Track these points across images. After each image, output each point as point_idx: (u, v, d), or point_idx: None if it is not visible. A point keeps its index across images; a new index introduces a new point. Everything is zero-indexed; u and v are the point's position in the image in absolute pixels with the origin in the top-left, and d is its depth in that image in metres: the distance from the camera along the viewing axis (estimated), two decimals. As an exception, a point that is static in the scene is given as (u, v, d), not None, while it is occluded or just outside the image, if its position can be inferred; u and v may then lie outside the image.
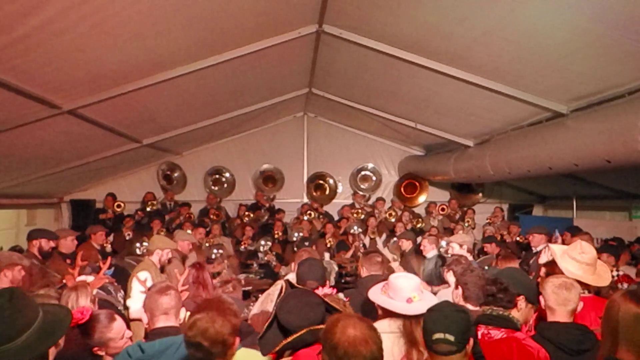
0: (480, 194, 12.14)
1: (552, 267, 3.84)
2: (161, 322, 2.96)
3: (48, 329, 1.90)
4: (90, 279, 4.43)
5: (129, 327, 3.30)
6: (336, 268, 7.40)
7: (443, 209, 11.32)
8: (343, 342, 2.06)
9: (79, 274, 4.75)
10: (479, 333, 2.91)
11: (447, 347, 2.37)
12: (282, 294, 3.05)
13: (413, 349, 2.83)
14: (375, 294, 3.17)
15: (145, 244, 7.88)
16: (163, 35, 5.24)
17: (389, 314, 3.03)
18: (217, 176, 12.13)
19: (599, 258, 3.81)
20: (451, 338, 2.36)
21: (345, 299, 3.37)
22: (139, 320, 3.79)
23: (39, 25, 4.06)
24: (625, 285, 4.93)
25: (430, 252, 6.73)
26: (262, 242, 9.12)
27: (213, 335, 2.28)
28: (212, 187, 12.05)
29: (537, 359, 2.76)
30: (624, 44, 4.45)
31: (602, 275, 3.61)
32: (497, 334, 2.91)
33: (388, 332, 2.91)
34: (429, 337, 2.40)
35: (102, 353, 2.95)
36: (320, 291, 3.18)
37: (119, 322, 3.04)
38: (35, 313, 1.90)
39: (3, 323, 1.77)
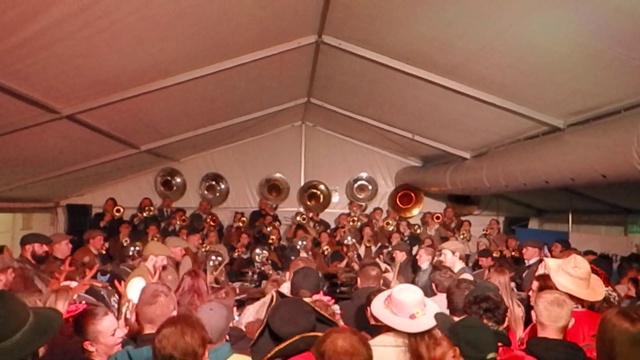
0: (476, 206, 12.15)
1: (545, 281, 3.85)
2: (148, 330, 2.97)
3: (40, 327, 1.94)
4: (73, 284, 4.41)
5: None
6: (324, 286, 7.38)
7: (438, 217, 11.32)
8: (329, 351, 2.10)
9: (65, 280, 4.75)
10: None
11: None
12: (273, 303, 3.05)
13: None
14: (378, 308, 3.14)
15: (137, 248, 7.88)
16: (163, 42, 5.27)
17: (393, 328, 3.02)
18: (212, 183, 12.10)
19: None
20: (495, 356, 2.39)
21: (338, 312, 3.37)
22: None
23: (39, 30, 4.08)
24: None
25: (425, 262, 6.72)
26: (258, 251, 9.05)
27: (183, 347, 2.27)
28: (205, 193, 12.03)
29: None
30: (622, 60, 4.48)
31: (596, 289, 3.60)
32: None
33: (394, 345, 2.91)
34: (482, 355, 2.38)
35: (92, 349, 2.94)
36: (317, 297, 3.18)
37: (110, 318, 3.05)
38: (26, 313, 1.94)
39: None
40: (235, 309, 4.76)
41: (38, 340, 1.93)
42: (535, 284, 4.02)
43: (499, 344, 2.87)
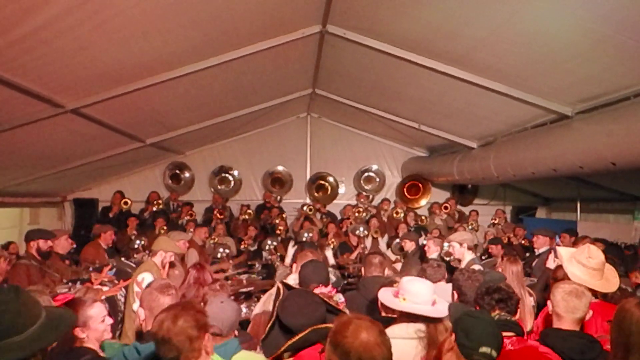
0: (477, 197, 12.11)
1: (554, 272, 3.81)
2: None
3: (52, 324, 1.97)
4: (105, 289, 4.59)
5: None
6: (334, 279, 7.32)
7: (446, 208, 11.29)
8: (356, 346, 2.04)
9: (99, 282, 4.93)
10: None
11: None
12: (281, 296, 3.02)
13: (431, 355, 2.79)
14: (392, 300, 3.10)
15: (142, 242, 7.90)
16: (167, 34, 5.23)
17: (406, 318, 2.99)
18: (224, 175, 12.12)
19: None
20: (495, 354, 2.34)
21: (341, 301, 3.34)
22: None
23: (43, 23, 4.05)
24: None
25: (433, 253, 6.69)
26: (269, 242, 9.06)
27: (177, 331, 2.27)
28: (218, 187, 12.04)
29: None
30: (631, 45, 4.42)
31: (610, 280, 3.52)
32: (507, 342, 2.80)
33: (407, 337, 2.88)
34: (474, 347, 2.33)
35: (83, 335, 3.03)
36: (318, 290, 3.15)
37: (99, 305, 3.21)
38: (38, 310, 1.97)
39: (13, 316, 1.84)
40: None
41: (50, 336, 1.95)
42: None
43: (512, 334, 2.85)
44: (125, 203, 10.49)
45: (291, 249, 6.82)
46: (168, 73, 6.15)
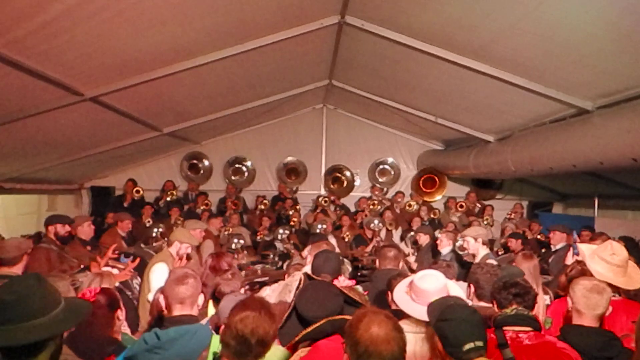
0: (499, 191, 12.00)
1: (568, 269, 3.77)
2: (177, 311, 2.99)
3: (73, 308, 2.10)
4: (115, 271, 4.54)
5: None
6: (350, 268, 7.34)
7: (462, 206, 11.18)
8: (365, 339, 2.05)
9: (106, 264, 4.86)
10: (507, 336, 2.80)
11: (478, 353, 2.34)
12: (301, 286, 3.03)
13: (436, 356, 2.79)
14: (399, 293, 3.12)
15: (160, 229, 7.96)
16: (185, 23, 5.24)
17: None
18: (237, 166, 12.15)
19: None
20: (480, 344, 2.34)
21: (363, 292, 3.34)
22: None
23: (62, 11, 4.07)
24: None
25: (445, 247, 6.67)
26: (281, 231, 9.11)
27: (262, 334, 2.28)
28: (232, 177, 12.08)
29: None
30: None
31: (634, 277, 3.48)
32: (524, 337, 2.81)
33: (414, 332, 2.88)
34: (457, 349, 2.34)
35: (123, 316, 3.24)
36: (338, 282, 3.16)
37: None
38: (59, 296, 2.10)
39: (36, 299, 1.97)
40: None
41: (71, 320, 2.07)
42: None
43: (529, 328, 2.83)
44: (137, 191, 10.58)
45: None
46: (186, 62, 6.17)
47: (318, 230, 8.95)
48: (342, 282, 3.11)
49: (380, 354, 2.04)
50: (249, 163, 12.15)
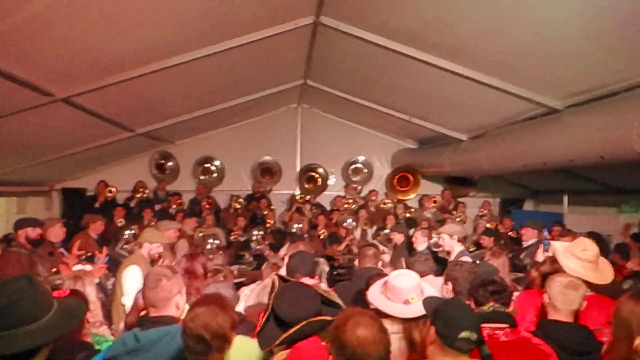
0: (474, 188, 12.16)
1: (540, 265, 3.85)
2: (153, 313, 2.95)
3: (67, 311, 2.00)
4: (87, 267, 4.43)
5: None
6: (327, 269, 7.39)
7: (435, 201, 11.31)
8: (352, 341, 2.06)
9: (75, 264, 4.74)
10: (485, 333, 2.82)
11: (469, 347, 2.37)
12: (276, 288, 3.03)
13: (414, 352, 2.82)
14: (374, 294, 3.15)
15: (133, 231, 7.87)
16: (159, 24, 5.19)
17: (388, 314, 3.01)
18: (206, 165, 12.07)
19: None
20: (474, 337, 2.37)
21: (329, 289, 3.36)
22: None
23: (34, 13, 4.00)
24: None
25: (421, 244, 6.73)
26: (255, 232, 9.09)
27: (215, 328, 2.27)
28: (201, 177, 12.00)
29: None
30: (623, 40, 4.47)
31: (605, 272, 3.57)
32: (500, 334, 2.88)
33: (390, 332, 2.91)
34: (453, 333, 2.36)
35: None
36: (306, 282, 3.16)
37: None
38: (51, 299, 2.00)
39: (27, 304, 1.86)
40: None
41: (63, 325, 1.97)
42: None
43: (506, 325, 2.91)
44: (110, 192, 10.43)
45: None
46: (160, 63, 6.10)
47: (294, 230, 8.96)
48: (307, 281, 3.11)
49: (368, 355, 2.05)
50: (217, 162, 12.07)
